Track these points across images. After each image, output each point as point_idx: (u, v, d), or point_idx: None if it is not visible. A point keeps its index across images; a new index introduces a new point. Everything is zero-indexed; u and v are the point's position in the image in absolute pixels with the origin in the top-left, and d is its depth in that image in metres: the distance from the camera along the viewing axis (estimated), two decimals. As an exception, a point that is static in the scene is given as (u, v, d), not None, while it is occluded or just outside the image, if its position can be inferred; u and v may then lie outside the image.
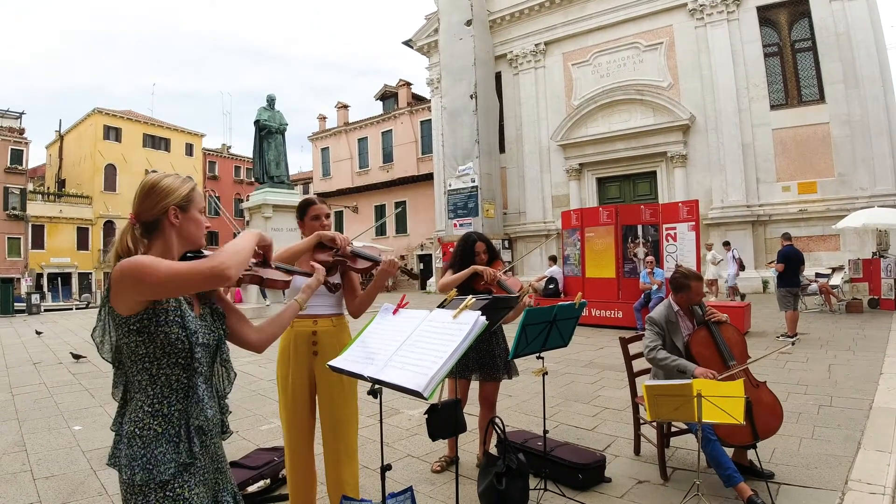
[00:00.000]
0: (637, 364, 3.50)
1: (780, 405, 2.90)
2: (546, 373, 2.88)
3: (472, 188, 18.74)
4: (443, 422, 2.25)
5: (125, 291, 1.21)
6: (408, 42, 23.65)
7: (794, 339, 7.12)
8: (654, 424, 3.01)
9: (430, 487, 3.00)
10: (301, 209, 2.54)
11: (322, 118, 32.91)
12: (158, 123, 38.37)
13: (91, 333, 1.30)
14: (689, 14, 16.33)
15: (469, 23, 19.07)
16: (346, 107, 31.49)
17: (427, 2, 30.22)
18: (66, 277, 32.67)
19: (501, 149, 20.19)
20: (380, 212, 28.40)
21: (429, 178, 24.39)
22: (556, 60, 19.29)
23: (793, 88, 15.26)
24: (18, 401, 5.30)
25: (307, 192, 34.83)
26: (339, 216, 30.00)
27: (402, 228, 27.44)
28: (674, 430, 3.27)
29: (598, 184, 18.55)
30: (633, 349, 3.55)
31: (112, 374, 1.35)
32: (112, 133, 35.25)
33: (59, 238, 32.34)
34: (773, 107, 15.34)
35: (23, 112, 34.18)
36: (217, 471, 1.38)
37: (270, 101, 14.54)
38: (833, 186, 14.33)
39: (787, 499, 2.69)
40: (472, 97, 18.72)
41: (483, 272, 3.04)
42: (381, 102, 30.23)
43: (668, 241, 9.54)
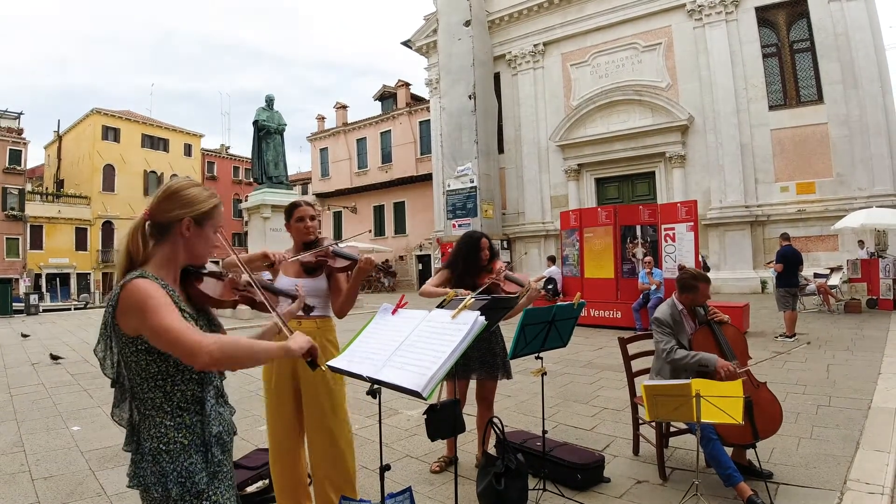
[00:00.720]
0: (636, 364, 3.50)
1: (780, 405, 2.91)
2: (545, 373, 2.88)
3: (471, 189, 18.75)
4: (442, 422, 2.25)
5: (129, 317, 1.19)
6: (407, 42, 23.67)
7: (805, 341, 7.08)
8: (653, 424, 3.01)
9: (429, 488, 3.00)
10: (287, 212, 2.60)
11: (321, 118, 32.88)
12: (157, 124, 38.35)
13: (94, 348, 1.29)
14: (688, 15, 16.36)
15: (468, 23, 19.08)
16: (345, 107, 31.47)
17: (426, 2, 30.19)
18: (65, 278, 32.65)
19: (500, 149, 20.20)
20: (378, 212, 28.37)
21: (427, 179, 24.37)
22: (555, 61, 19.30)
23: (791, 89, 15.29)
24: (17, 401, 5.29)
25: (306, 193, 34.86)
26: (338, 216, 29.98)
27: (401, 229, 27.43)
28: (673, 430, 3.28)
29: (597, 184, 18.57)
30: (632, 349, 3.55)
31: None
32: (110, 133, 35.22)
33: (58, 238, 32.28)
34: (772, 107, 15.37)
35: (21, 112, 34.18)
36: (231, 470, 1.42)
37: (269, 102, 14.54)
38: (831, 187, 14.35)
39: (786, 498, 2.69)
40: (471, 98, 18.73)
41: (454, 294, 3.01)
42: (380, 103, 30.21)
43: (667, 242, 9.55)
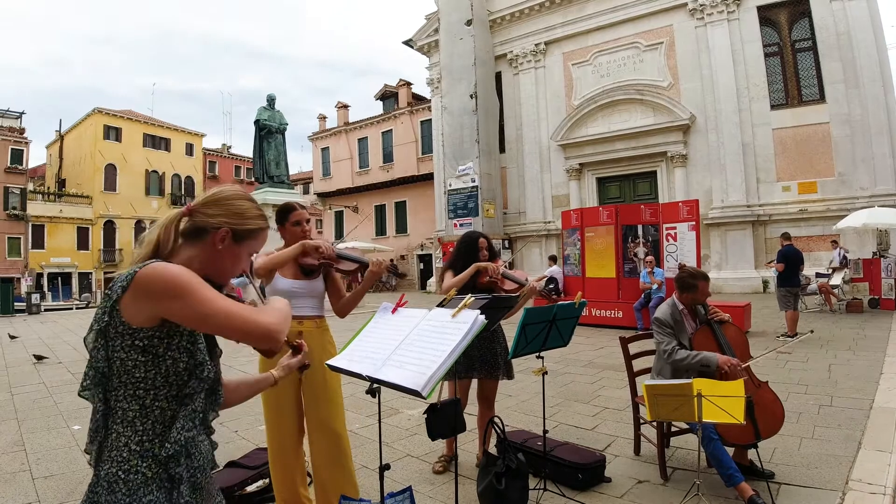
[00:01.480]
0: (637, 364, 3.49)
1: (782, 405, 2.90)
2: (546, 372, 2.88)
3: (472, 188, 18.73)
4: (442, 421, 2.25)
5: (149, 300, 1.01)
6: (408, 42, 23.64)
7: (808, 329, 7.01)
8: (654, 424, 3.00)
9: (430, 487, 3.00)
10: (282, 215, 2.48)
11: (322, 118, 32.87)
12: (158, 123, 38.36)
13: (84, 337, 1.09)
14: (689, 14, 16.31)
15: (469, 23, 19.05)
16: (347, 107, 31.46)
17: (427, 2, 30.22)
18: (67, 277, 32.68)
19: (501, 149, 20.17)
20: (380, 212, 28.38)
21: (429, 178, 24.37)
22: (556, 60, 19.28)
23: (793, 88, 15.24)
24: (18, 400, 5.30)
25: (307, 192, 34.90)
26: (340, 216, 29.99)
27: (403, 228, 27.44)
28: (674, 430, 3.27)
29: (599, 184, 18.53)
30: (634, 349, 3.54)
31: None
32: (112, 133, 35.24)
33: (60, 238, 32.32)
34: (774, 106, 15.32)
35: (23, 112, 34.27)
36: None
37: (270, 101, 14.57)
38: (833, 186, 14.31)
39: (788, 498, 2.68)
40: (473, 97, 18.70)
41: (486, 267, 3.05)
42: (382, 102, 30.19)
43: (669, 241, 9.54)
